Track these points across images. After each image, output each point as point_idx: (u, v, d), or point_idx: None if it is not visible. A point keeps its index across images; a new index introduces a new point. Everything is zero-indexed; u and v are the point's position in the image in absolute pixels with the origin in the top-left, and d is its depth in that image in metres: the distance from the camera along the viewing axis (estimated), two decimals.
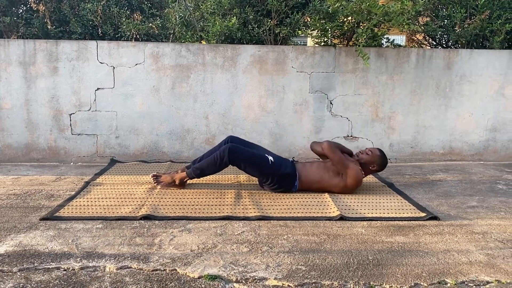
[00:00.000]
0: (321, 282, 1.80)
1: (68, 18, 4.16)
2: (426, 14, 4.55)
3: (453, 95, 4.10)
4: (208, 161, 2.96)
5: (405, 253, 2.10)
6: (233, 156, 2.88)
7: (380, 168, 3.09)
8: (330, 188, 2.99)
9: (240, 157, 2.91)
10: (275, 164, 2.96)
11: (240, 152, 2.91)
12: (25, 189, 3.05)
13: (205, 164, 2.97)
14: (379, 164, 3.07)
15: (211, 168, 2.96)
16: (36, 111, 3.83)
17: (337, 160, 2.93)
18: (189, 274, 1.85)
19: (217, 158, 2.91)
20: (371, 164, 3.05)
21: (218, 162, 2.91)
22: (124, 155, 3.97)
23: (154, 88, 3.88)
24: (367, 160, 3.05)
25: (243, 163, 2.92)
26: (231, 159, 2.89)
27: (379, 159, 3.06)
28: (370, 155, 3.05)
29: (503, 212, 2.74)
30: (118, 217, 2.49)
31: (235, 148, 2.90)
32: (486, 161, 4.22)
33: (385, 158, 3.10)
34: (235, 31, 3.90)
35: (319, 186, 3.00)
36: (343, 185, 2.96)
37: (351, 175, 2.92)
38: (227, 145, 2.92)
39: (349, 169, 2.92)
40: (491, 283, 1.83)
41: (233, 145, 2.93)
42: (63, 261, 1.94)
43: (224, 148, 2.90)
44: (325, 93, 4.00)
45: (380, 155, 3.07)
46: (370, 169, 3.07)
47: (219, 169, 2.96)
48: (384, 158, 3.08)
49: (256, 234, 2.30)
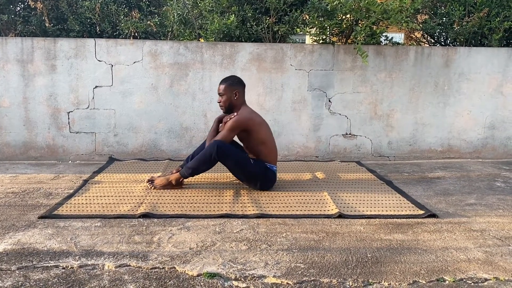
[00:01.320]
0: (319, 279, 1.81)
1: (66, 15, 4.15)
2: (424, 11, 4.55)
3: (451, 93, 4.10)
4: (197, 159, 2.94)
5: (403, 250, 2.11)
6: (221, 152, 2.84)
7: (239, 85, 3.00)
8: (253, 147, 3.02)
9: (228, 154, 2.88)
10: (256, 162, 2.97)
11: (228, 148, 2.89)
12: (23, 187, 3.04)
13: (195, 163, 2.94)
14: (235, 85, 2.98)
15: (201, 166, 2.93)
16: (34, 109, 3.82)
17: (225, 135, 2.91)
18: (188, 272, 1.85)
19: (205, 155, 2.88)
20: (232, 98, 2.97)
21: (207, 159, 2.88)
22: (123, 153, 3.96)
23: (153, 86, 3.88)
24: (226, 102, 2.98)
25: (229, 160, 2.90)
26: (219, 155, 2.85)
27: (228, 86, 2.97)
28: (222, 97, 2.98)
29: (501, 210, 2.75)
30: (116, 215, 2.49)
31: (223, 144, 2.87)
32: (485, 158, 4.23)
33: (228, 78, 3.03)
34: (233, 29, 3.90)
35: (254, 150, 3.02)
36: (246, 135, 2.99)
37: (230, 126, 2.90)
38: (215, 141, 2.88)
39: (227, 127, 2.91)
40: (489, 280, 1.84)
41: (221, 141, 2.89)
42: (62, 259, 1.94)
43: (212, 145, 2.87)
44: (324, 91, 4.00)
45: (226, 84, 2.97)
46: (237, 99, 2.99)
47: (210, 166, 2.93)
48: (229, 79, 3.01)
49: (254, 232, 2.30)
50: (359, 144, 4.09)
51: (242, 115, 2.95)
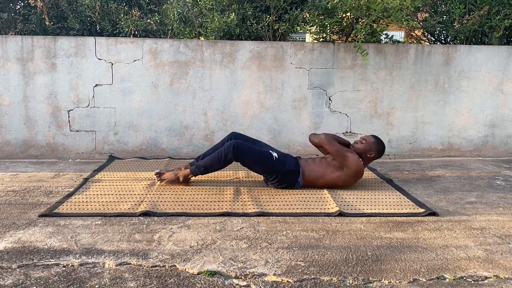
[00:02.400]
0: (320, 277, 1.81)
1: (66, 14, 4.15)
2: (425, 9, 4.55)
3: (451, 91, 4.10)
4: (212, 158, 2.96)
5: (403, 248, 2.11)
6: (238, 153, 2.88)
7: (378, 154, 3.07)
8: (333, 182, 2.98)
9: (245, 154, 2.91)
10: (279, 161, 2.96)
11: (245, 149, 2.91)
12: (23, 185, 3.04)
13: (209, 161, 2.97)
14: (376, 151, 3.05)
15: (215, 165, 2.97)
16: (34, 108, 3.82)
17: (335, 151, 2.93)
18: (189, 270, 1.85)
19: (221, 155, 2.90)
20: (368, 152, 3.03)
21: (222, 159, 2.91)
22: (123, 152, 3.96)
23: (153, 84, 3.87)
24: (363, 149, 3.03)
25: (247, 160, 2.93)
26: (236, 156, 2.88)
27: (374, 145, 3.04)
28: (365, 143, 3.04)
29: (501, 208, 2.75)
30: (117, 213, 2.49)
31: (240, 145, 2.90)
32: (485, 157, 4.23)
33: (381, 143, 3.07)
34: (233, 27, 3.89)
35: (322, 181, 2.99)
36: (345, 177, 2.96)
37: (350, 165, 2.91)
38: (232, 142, 2.91)
39: (348, 158, 2.91)
40: (490, 278, 1.84)
41: (238, 141, 2.93)
42: (62, 257, 1.94)
43: (228, 145, 2.90)
44: (324, 89, 4.00)
45: (375, 141, 3.05)
46: (369, 157, 3.05)
47: (223, 166, 2.96)
48: (379, 144, 3.06)
49: (255, 230, 2.31)
50: None
51: (361, 166, 2.98)
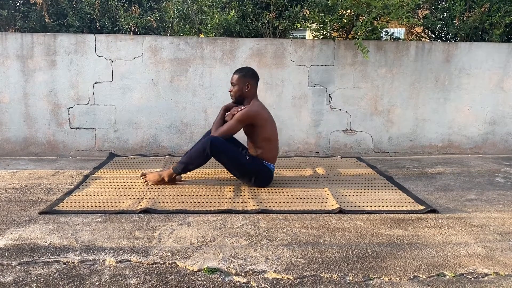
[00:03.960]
0: (320, 274, 1.81)
1: (66, 11, 4.14)
2: (425, 7, 4.54)
3: (452, 88, 4.10)
4: (190, 154, 2.93)
5: (404, 246, 2.11)
6: (215, 147, 2.83)
7: (252, 77, 2.97)
8: (256, 142, 2.97)
9: (221, 150, 2.86)
10: (253, 161, 2.95)
11: (221, 143, 2.87)
12: (24, 183, 3.05)
13: (188, 158, 2.92)
14: (247, 77, 2.96)
15: (195, 161, 2.90)
16: (35, 105, 3.81)
17: (228, 129, 2.90)
18: (189, 267, 1.85)
19: (199, 150, 2.87)
20: (244, 89, 2.96)
21: (200, 155, 2.86)
22: (123, 149, 3.96)
23: (153, 81, 3.87)
24: (236, 92, 2.97)
25: (223, 155, 2.88)
26: (212, 151, 2.83)
27: (241, 77, 2.95)
28: (233, 87, 2.97)
29: (501, 205, 2.75)
30: (117, 210, 2.50)
31: (217, 140, 2.86)
32: (485, 154, 4.23)
33: (243, 69, 3.00)
34: (233, 24, 3.88)
35: (261, 143, 2.96)
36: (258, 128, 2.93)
37: (239, 118, 2.87)
38: (209, 137, 2.87)
39: (235, 118, 2.88)
40: (490, 275, 1.84)
41: (215, 136, 2.88)
42: (63, 254, 1.94)
43: (206, 140, 2.86)
44: (324, 87, 3.99)
45: (239, 74, 2.95)
46: (249, 91, 2.97)
47: (203, 162, 2.90)
48: (243, 70, 2.98)
49: (255, 227, 2.31)
50: (359, 140, 4.09)
51: (252, 108, 2.92)
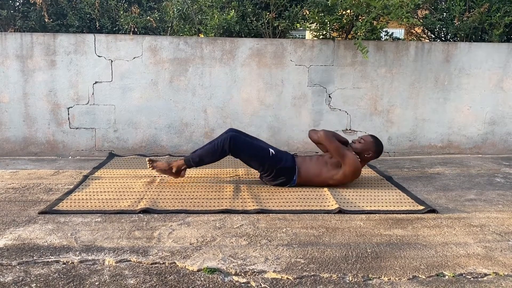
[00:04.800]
0: (320, 274, 1.81)
1: (66, 11, 4.14)
2: (425, 7, 4.54)
3: (451, 88, 4.10)
4: (207, 149, 2.95)
5: (403, 246, 2.11)
6: (234, 145, 2.87)
7: (376, 154, 3.05)
8: (328, 179, 2.96)
9: (241, 147, 2.89)
10: (276, 157, 2.95)
11: (241, 141, 2.90)
12: (23, 183, 3.04)
13: (204, 152, 2.94)
14: (374, 151, 3.03)
15: (210, 157, 2.94)
16: (34, 105, 3.81)
17: (334, 148, 2.91)
18: (189, 267, 1.85)
19: (217, 146, 2.89)
20: (366, 152, 3.01)
21: (218, 151, 2.89)
22: (123, 149, 3.96)
23: (152, 81, 3.87)
24: (361, 148, 3.01)
25: (243, 153, 2.91)
26: (231, 148, 2.87)
27: (373, 145, 3.02)
28: (364, 143, 3.02)
29: (501, 205, 2.75)
30: (117, 210, 2.49)
31: (236, 137, 2.89)
32: (485, 154, 4.23)
33: (379, 143, 3.06)
34: (233, 24, 3.88)
35: (318, 180, 2.98)
36: (342, 176, 2.94)
37: (348, 163, 2.89)
38: (229, 134, 2.90)
39: (346, 157, 2.89)
40: (489, 275, 1.84)
41: (235, 134, 2.92)
42: (62, 254, 1.94)
43: (225, 137, 2.89)
44: (324, 87, 3.99)
45: (374, 141, 3.04)
46: (366, 157, 3.04)
47: (218, 158, 2.94)
48: (378, 144, 3.05)
49: (255, 227, 2.31)
50: None
51: (360, 165, 2.96)
